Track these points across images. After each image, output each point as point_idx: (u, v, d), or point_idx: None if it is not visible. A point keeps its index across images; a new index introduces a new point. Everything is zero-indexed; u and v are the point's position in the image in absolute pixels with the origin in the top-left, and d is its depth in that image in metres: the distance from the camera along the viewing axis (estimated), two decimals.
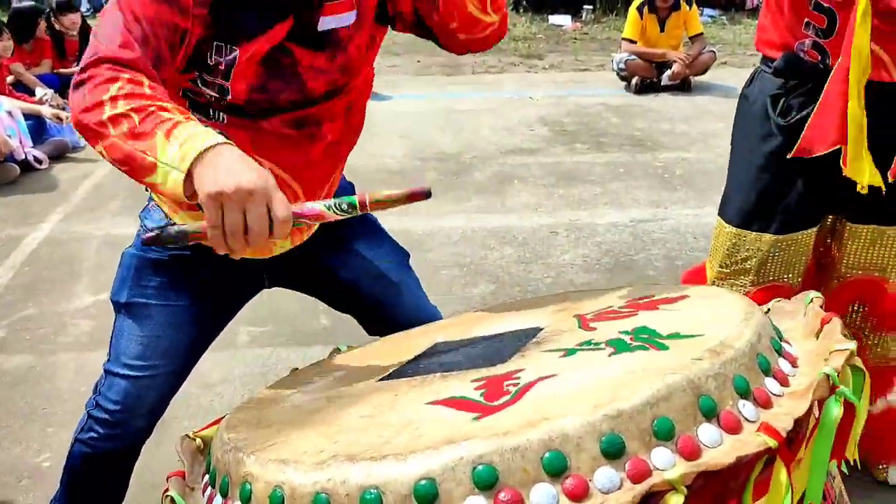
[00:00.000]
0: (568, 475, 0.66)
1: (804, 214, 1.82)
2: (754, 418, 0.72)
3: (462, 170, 4.31)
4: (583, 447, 0.67)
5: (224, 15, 1.19)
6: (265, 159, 1.31)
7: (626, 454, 0.67)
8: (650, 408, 0.69)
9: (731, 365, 0.75)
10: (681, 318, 0.91)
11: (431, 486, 0.67)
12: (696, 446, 0.69)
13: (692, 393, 0.71)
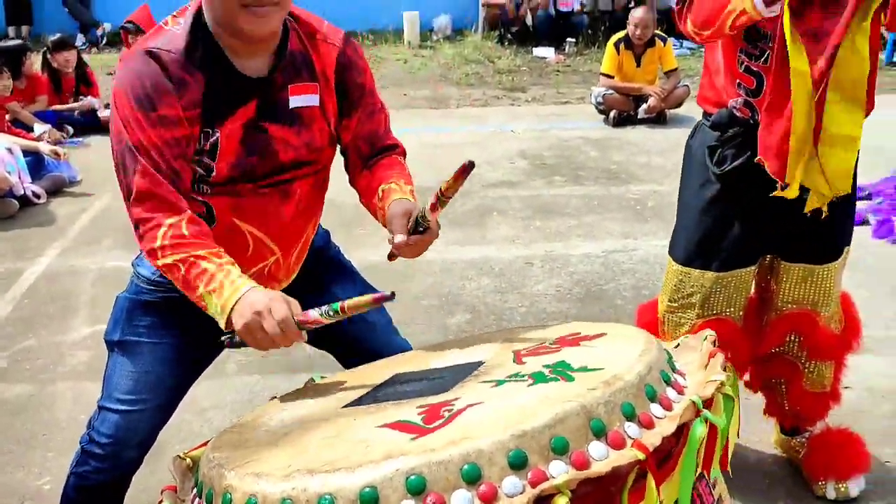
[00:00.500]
0: (481, 483, 0.83)
1: (742, 254, 2.01)
2: (637, 437, 0.89)
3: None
4: (494, 461, 0.84)
5: (209, 103, 1.39)
6: (244, 222, 1.53)
7: (528, 466, 0.84)
8: (549, 429, 0.87)
9: (619, 394, 0.92)
10: (592, 353, 1.08)
11: (373, 492, 0.84)
12: (587, 459, 0.86)
13: (585, 416, 0.89)
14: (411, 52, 9.14)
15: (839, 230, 2.00)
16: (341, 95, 1.55)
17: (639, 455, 0.84)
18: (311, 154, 1.54)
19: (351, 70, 1.55)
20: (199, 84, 1.39)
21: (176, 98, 1.36)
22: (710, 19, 1.74)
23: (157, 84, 1.35)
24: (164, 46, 1.38)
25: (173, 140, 1.36)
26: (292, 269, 1.69)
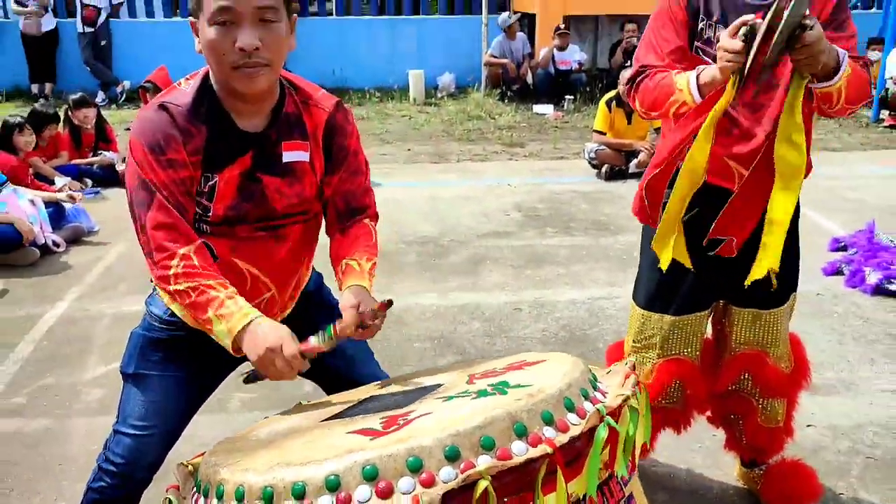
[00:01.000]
0: (423, 471, 1.05)
1: (696, 300, 2.21)
2: (552, 437, 1.10)
3: (441, 252, 4.74)
4: (433, 454, 1.06)
5: (209, 152, 1.63)
6: (242, 260, 1.75)
7: (461, 458, 1.06)
8: (479, 430, 1.08)
9: (541, 404, 1.14)
10: (529, 375, 1.30)
11: (336, 479, 1.05)
12: (509, 454, 1.07)
13: (509, 421, 1.10)
14: (416, 109, 9.50)
15: (784, 278, 2.20)
16: (328, 155, 1.77)
17: (547, 450, 1.05)
18: (303, 204, 1.76)
19: (338, 133, 1.77)
20: (202, 135, 1.61)
21: (182, 145, 1.59)
22: (655, 105, 1.97)
23: (167, 132, 1.58)
24: (175, 101, 1.62)
25: (179, 180, 1.59)
26: (286, 305, 1.90)
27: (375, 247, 1.82)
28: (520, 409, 1.12)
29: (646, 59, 2.03)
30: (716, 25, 1.98)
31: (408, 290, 4.13)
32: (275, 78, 1.65)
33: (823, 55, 1.75)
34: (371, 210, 1.88)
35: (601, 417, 1.12)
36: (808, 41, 1.70)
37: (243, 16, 1.53)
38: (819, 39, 1.72)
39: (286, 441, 1.27)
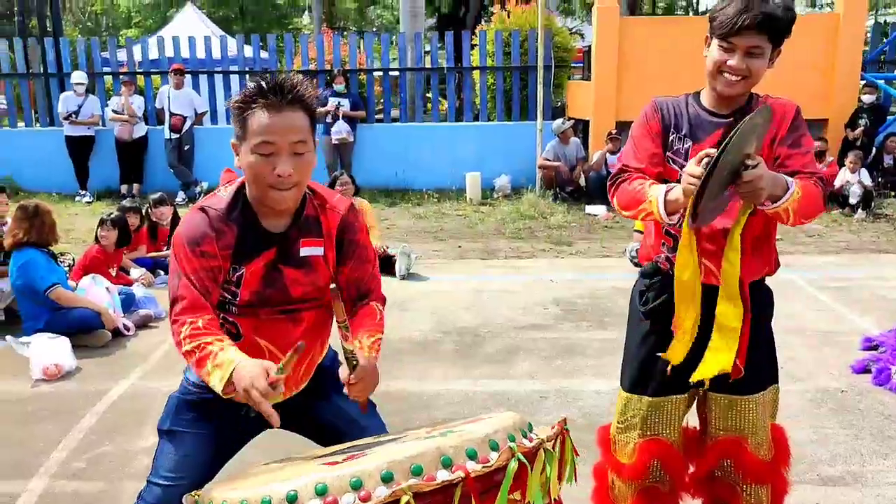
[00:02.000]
0: (363, 489, 1.30)
1: (672, 383, 2.38)
2: (472, 468, 1.35)
3: (477, 342, 4.99)
4: (372, 476, 1.32)
5: (238, 248, 1.97)
6: (262, 339, 2.07)
7: (394, 481, 1.31)
8: (411, 459, 1.34)
9: (467, 442, 1.39)
10: (473, 424, 1.55)
11: (294, 494, 1.32)
12: (433, 479, 1.32)
13: (437, 454, 1.35)
14: (472, 209, 9.93)
15: (757, 369, 2.35)
16: (339, 248, 2.08)
17: (461, 475, 1.29)
18: (316, 292, 2.07)
19: (349, 231, 2.09)
20: (233, 233, 1.96)
21: (215, 241, 1.94)
22: (628, 207, 2.24)
23: (203, 230, 1.94)
24: (212, 205, 1.99)
25: (209, 268, 1.93)
26: (301, 380, 2.19)
27: (380, 324, 2.08)
28: (449, 445, 1.37)
29: (627, 161, 2.31)
30: (684, 138, 2.27)
31: (440, 377, 4.38)
32: (301, 193, 1.99)
33: (765, 190, 1.98)
34: (376, 293, 2.16)
35: (513, 454, 1.36)
36: (747, 179, 1.95)
37: (281, 149, 1.87)
38: (759, 178, 1.95)
39: (270, 473, 1.54)
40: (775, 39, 2.13)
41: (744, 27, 2.08)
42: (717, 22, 2.14)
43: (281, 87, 1.88)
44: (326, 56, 11.39)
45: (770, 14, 2.07)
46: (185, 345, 1.86)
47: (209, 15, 27.37)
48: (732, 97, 2.23)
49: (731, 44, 2.13)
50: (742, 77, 2.14)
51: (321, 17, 26.78)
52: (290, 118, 1.88)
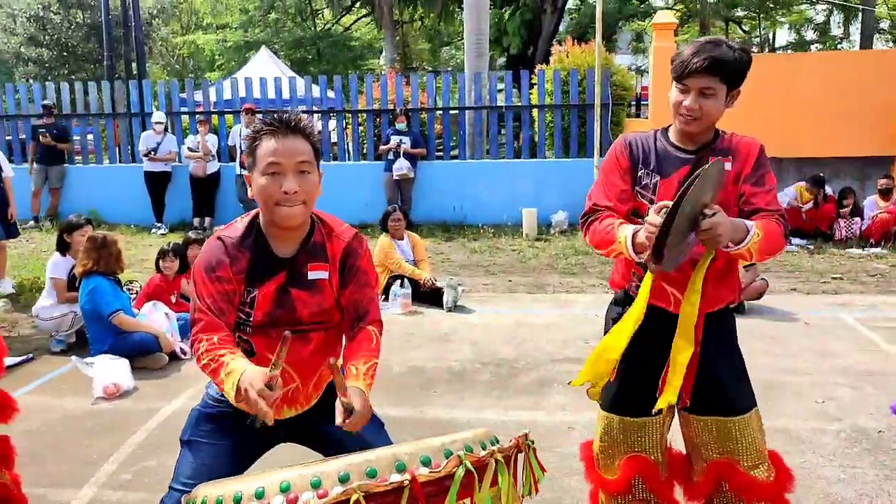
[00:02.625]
0: (321, 488, 1.45)
1: (649, 403, 2.46)
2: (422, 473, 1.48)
3: (513, 373, 5.08)
4: (330, 477, 1.47)
5: (251, 272, 2.18)
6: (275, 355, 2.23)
7: (350, 481, 1.46)
8: (367, 462, 1.48)
9: (422, 450, 1.52)
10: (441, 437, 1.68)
11: (262, 491, 1.48)
12: (386, 480, 1.46)
13: (392, 459, 1.49)
14: (527, 244, 10.04)
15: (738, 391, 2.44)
16: (342, 272, 2.27)
17: (408, 478, 1.43)
18: (323, 313, 2.25)
19: (351, 256, 2.28)
20: (246, 259, 2.17)
21: (229, 266, 2.15)
22: (600, 246, 2.38)
23: (219, 257, 2.15)
24: (228, 234, 2.20)
25: (224, 291, 2.13)
26: (311, 397, 2.36)
27: (375, 350, 2.22)
28: (405, 452, 1.52)
29: (597, 199, 2.44)
30: (652, 173, 2.38)
31: (473, 406, 4.50)
32: (307, 213, 2.19)
33: (723, 237, 2.10)
34: (372, 315, 2.30)
35: (460, 462, 1.49)
36: (705, 227, 2.08)
37: (287, 168, 2.09)
38: (717, 225, 2.08)
39: (249, 476, 1.71)
40: (729, 81, 2.25)
41: (695, 70, 2.21)
42: (673, 65, 2.28)
43: (284, 120, 2.12)
44: (390, 96, 11.76)
45: (718, 58, 2.21)
46: (202, 360, 2.06)
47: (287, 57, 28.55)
48: (695, 136, 2.34)
49: (686, 85, 2.26)
50: (696, 116, 2.26)
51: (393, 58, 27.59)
52: (294, 142, 2.11)
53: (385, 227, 7.25)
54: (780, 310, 6.57)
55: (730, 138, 2.39)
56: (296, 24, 30.61)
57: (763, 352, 5.40)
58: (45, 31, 19.72)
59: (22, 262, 8.76)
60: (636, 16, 23.64)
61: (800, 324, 6.23)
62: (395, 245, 7.18)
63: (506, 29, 21.72)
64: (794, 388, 4.71)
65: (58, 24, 19.80)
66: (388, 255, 7.07)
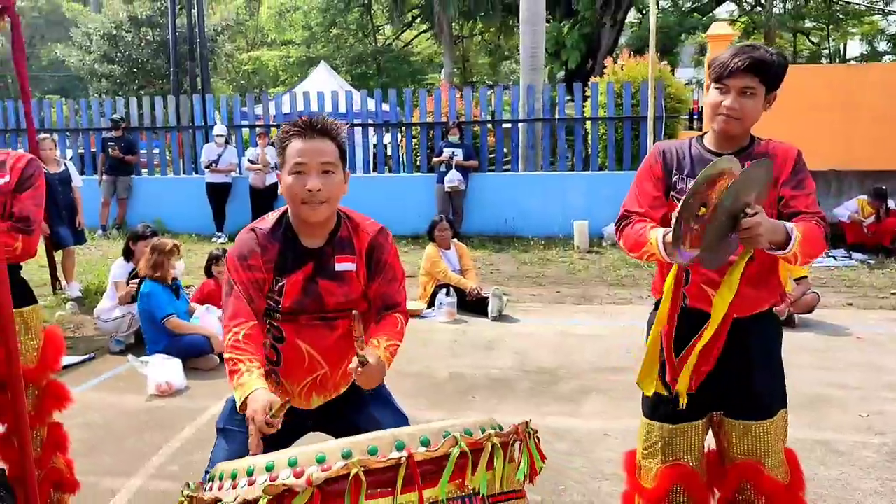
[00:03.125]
0: (326, 463, 1.54)
1: (689, 409, 2.50)
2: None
3: (553, 381, 5.12)
4: (334, 453, 1.56)
5: (279, 263, 2.30)
6: (302, 342, 2.36)
7: (352, 457, 1.55)
8: (369, 441, 1.57)
9: (421, 432, 1.61)
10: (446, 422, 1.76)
11: (272, 464, 1.58)
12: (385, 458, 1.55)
13: (392, 439, 1.58)
14: (578, 256, 10.03)
15: (769, 396, 2.44)
16: (368, 266, 2.38)
17: (405, 455, 1.51)
18: (349, 303, 2.36)
19: (377, 250, 2.38)
20: (276, 249, 2.29)
21: (260, 255, 2.27)
22: (633, 249, 2.41)
23: (250, 247, 2.28)
24: (260, 226, 2.33)
25: (255, 279, 2.26)
26: (339, 384, 2.45)
27: (399, 334, 2.33)
28: (406, 433, 1.60)
29: (630, 206, 2.49)
30: (686, 178, 2.42)
31: (510, 411, 4.55)
32: (331, 211, 2.30)
33: (763, 237, 2.12)
34: (401, 307, 2.41)
35: (456, 443, 1.57)
36: (746, 226, 2.10)
37: (311, 168, 2.22)
38: (758, 224, 2.09)
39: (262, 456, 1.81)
40: (768, 83, 2.28)
41: (736, 69, 2.25)
42: (713, 67, 2.32)
43: (311, 122, 2.25)
44: (443, 109, 11.92)
45: (759, 59, 2.25)
46: (226, 353, 2.18)
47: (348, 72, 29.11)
48: (733, 138, 2.38)
49: (726, 85, 2.30)
50: (737, 117, 2.29)
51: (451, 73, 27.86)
52: (319, 144, 2.23)
53: (432, 237, 7.36)
54: (833, 324, 6.43)
55: (766, 144, 2.41)
56: (357, 41, 31.21)
57: (812, 365, 5.31)
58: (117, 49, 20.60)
59: (89, 268, 9.17)
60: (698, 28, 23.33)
61: (852, 338, 6.09)
62: (441, 254, 7.29)
63: (564, 42, 21.70)
64: (840, 402, 4.62)
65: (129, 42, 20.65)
66: (434, 264, 7.18)
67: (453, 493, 1.58)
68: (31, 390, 2.93)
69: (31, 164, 2.89)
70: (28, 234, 2.82)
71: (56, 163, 7.96)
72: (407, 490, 1.53)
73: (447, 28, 27.57)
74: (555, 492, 3.57)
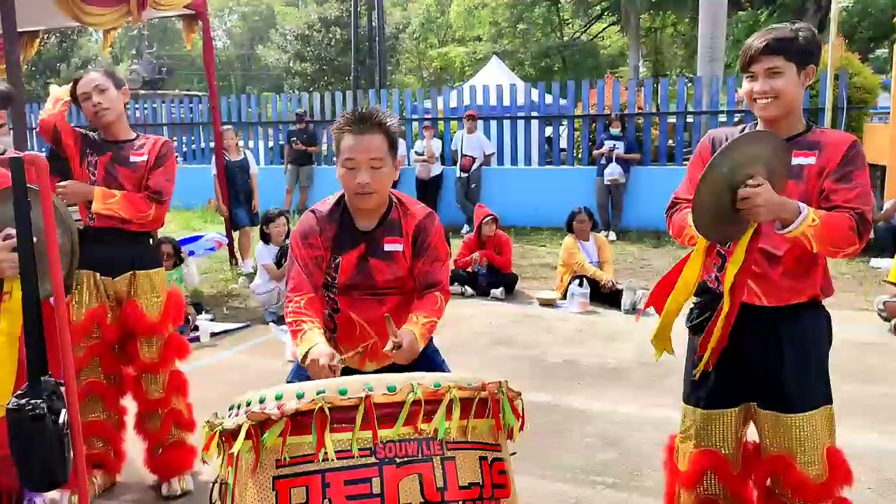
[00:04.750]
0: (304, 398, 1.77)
1: (722, 396, 2.48)
2: None
3: (667, 374, 5.03)
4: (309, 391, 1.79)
5: (335, 242, 2.56)
6: (355, 314, 2.61)
7: (324, 394, 1.77)
8: (344, 383, 1.78)
9: (394, 381, 1.79)
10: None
11: (301, 392, 1.77)
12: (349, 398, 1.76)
13: (363, 382, 1.78)
14: None
15: (804, 388, 2.37)
16: (414, 246, 2.58)
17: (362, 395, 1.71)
18: (396, 280, 2.57)
19: (422, 233, 2.56)
20: (333, 230, 2.55)
21: (318, 235, 2.55)
22: (678, 233, 2.46)
23: (311, 227, 2.56)
24: (320, 208, 2.60)
25: (313, 256, 2.53)
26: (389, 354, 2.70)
27: (437, 311, 2.50)
28: (375, 379, 1.79)
29: (679, 194, 2.52)
30: None
31: (613, 399, 4.57)
32: (380, 199, 2.51)
33: (763, 208, 2.11)
34: (442, 286, 2.58)
35: (412, 389, 1.75)
36: (743, 195, 2.11)
37: (361, 163, 2.43)
38: (756, 195, 2.09)
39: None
40: (796, 58, 2.23)
41: (757, 53, 2.24)
42: (740, 60, 2.30)
43: (363, 117, 2.45)
44: (607, 101, 11.80)
45: (778, 37, 2.21)
46: (288, 318, 2.45)
47: (532, 66, 29.30)
48: (781, 124, 2.32)
49: (753, 72, 2.27)
50: (771, 98, 2.25)
51: (637, 65, 27.19)
52: (369, 140, 2.42)
53: (570, 228, 7.41)
54: None
55: (821, 133, 2.34)
56: (543, 35, 31.31)
57: None
58: (308, 48, 22.19)
59: None
60: None
61: None
62: (579, 245, 7.32)
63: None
64: None
65: (319, 41, 22.19)
66: (571, 255, 7.23)
67: (410, 435, 1.76)
68: (156, 340, 3.44)
69: (165, 146, 3.40)
70: (160, 204, 3.34)
71: (237, 151, 8.86)
72: (365, 428, 1.73)
73: (634, 20, 26.94)
74: (631, 476, 3.61)
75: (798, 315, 2.38)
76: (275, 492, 1.73)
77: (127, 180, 3.31)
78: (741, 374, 2.44)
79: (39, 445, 1.66)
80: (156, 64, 20.01)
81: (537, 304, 7.21)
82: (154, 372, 3.45)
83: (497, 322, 6.55)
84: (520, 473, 3.57)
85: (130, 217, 3.28)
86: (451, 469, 1.77)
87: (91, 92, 3.26)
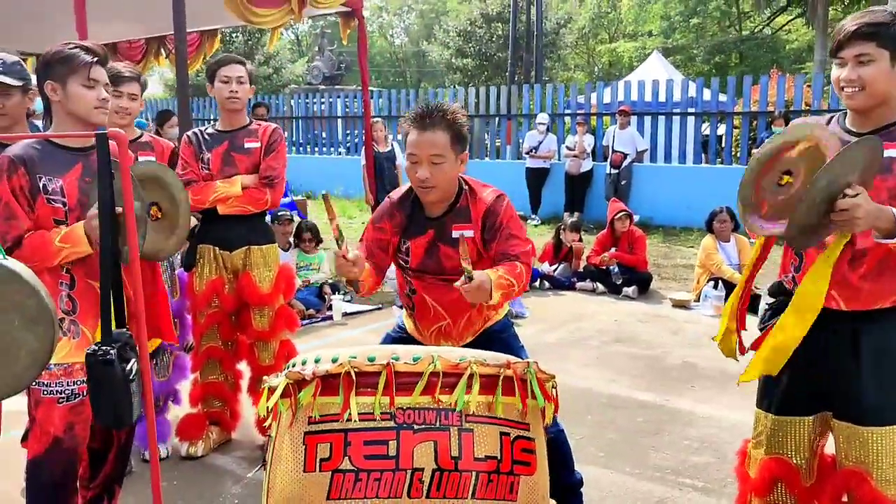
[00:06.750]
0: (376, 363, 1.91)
1: (794, 402, 2.37)
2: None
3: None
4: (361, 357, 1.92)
5: (405, 228, 2.70)
6: (428, 296, 2.74)
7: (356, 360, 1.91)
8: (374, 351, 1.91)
9: (419, 352, 1.90)
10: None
11: (336, 356, 1.97)
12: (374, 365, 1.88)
13: (391, 352, 1.90)
14: None
15: (883, 401, 2.22)
16: (484, 230, 2.65)
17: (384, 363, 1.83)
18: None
19: (491, 216, 2.61)
20: (403, 216, 2.69)
21: (388, 220, 2.70)
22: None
23: (383, 212, 2.72)
24: (393, 197, 2.75)
25: (379, 239, 2.69)
26: (462, 335, 2.77)
27: (518, 275, 2.47)
28: (403, 349, 1.91)
29: None
30: None
31: (722, 404, 4.42)
32: (442, 192, 2.59)
33: (861, 220, 1.99)
34: (522, 258, 2.56)
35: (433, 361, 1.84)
36: (843, 207, 1.99)
37: (422, 159, 2.54)
38: (856, 206, 1.97)
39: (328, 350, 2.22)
40: (891, 47, 2.09)
41: (847, 38, 2.12)
42: (830, 47, 2.18)
43: (426, 113, 2.55)
44: (771, 98, 11.16)
45: (870, 21, 2.08)
46: None
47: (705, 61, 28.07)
48: (868, 115, 2.20)
49: (842, 58, 2.15)
50: (857, 87, 2.12)
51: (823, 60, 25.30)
52: (431, 136, 2.52)
53: (710, 228, 7.12)
54: None
55: None
56: (720, 29, 29.92)
57: None
58: (470, 44, 22.57)
59: None
60: None
61: None
62: (718, 246, 7.02)
63: None
64: None
65: (481, 37, 22.49)
66: (709, 256, 6.95)
67: (430, 404, 1.86)
68: (267, 311, 3.74)
69: (275, 133, 3.70)
70: (273, 188, 3.64)
71: (385, 143, 9.26)
72: (386, 394, 1.85)
73: (821, 11, 25.08)
74: (722, 482, 3.49)
75: (880, 321, 2.23)
76: (304, 446, 1.90)
77: (242, 165, 3.64)
78: (816, 382, 2.32)
79: (108, 386, 1.92)
80: (336, 60, 21.02)
81: (670, 304, 7.01)
82: (265, 340, 3.75)
83: (623, 320, 6.44)
84: (609, 468, 3.63)
85: (253, 207, 3.61)
86: (469, 440, 1.85)
87: (233, 79, 3.60)
